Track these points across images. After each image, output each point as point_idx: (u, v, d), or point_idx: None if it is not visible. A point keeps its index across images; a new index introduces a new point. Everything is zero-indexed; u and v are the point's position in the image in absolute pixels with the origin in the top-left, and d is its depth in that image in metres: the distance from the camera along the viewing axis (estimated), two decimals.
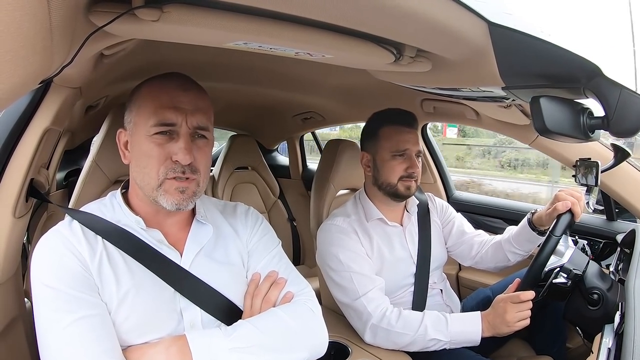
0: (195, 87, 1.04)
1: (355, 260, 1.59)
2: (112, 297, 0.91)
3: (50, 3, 0.54)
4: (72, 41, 0.72)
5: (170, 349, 0.89)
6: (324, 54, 1.00)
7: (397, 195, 1.67)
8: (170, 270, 0.99)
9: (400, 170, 1.63)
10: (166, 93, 0.99)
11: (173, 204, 0.98)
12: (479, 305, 1.80)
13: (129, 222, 1.02)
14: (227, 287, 1.05)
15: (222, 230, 1.14)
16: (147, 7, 0.69)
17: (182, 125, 0.98)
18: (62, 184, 2.22)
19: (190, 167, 0.99)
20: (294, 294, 1.09)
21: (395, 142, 1.64)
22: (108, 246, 0.96)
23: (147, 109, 0.99)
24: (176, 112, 0.98)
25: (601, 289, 1.44)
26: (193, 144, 1.00)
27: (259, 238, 1.17)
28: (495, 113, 1.73)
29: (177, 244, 1.05)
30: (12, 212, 1.04)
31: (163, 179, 0.97)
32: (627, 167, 1.66)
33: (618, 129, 0.88)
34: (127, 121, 1.04)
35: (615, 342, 1.15)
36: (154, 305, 0.96)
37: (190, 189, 1.00)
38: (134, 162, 1.02)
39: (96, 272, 0.92)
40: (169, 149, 0.97)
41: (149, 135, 0.97)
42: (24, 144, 1.07)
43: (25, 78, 0.60)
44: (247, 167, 3.20)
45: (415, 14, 0.74)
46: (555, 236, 1.51)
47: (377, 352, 1.39)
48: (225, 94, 2.42)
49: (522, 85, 1.02)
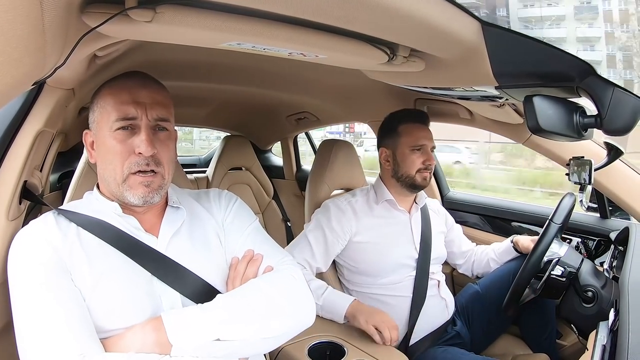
0: (154, 83, 1.07)
1: (319, 235, 1.75)
2: (85, 280, 0.92)
3: (43, 4, 0.54)
4: (65, 42, 0.72)
5: (145, 328, 0.89)
6: (317, 54, 1.00)
7: (415, 186, 1.81)
8: (145, 254, 1.00)
9: (419, 163, 1.78)
10: (126, 90, 1.01)
11: (139, 198, 1.00)
12: (469, 299, 1.91)
13: (105, 209, 1.04)
14: (206, 269, 1.05)
15: (197, 213, 1.15)
16: (140, 8, 0.69)
17: (142, 119, 1.00)
18: (55, 186, 2.21)
19: (154, 158, 1.01)
20: (274, 266, 1.09)
21: (414, 138, 1.79)
22: (82, 233, 0.98)
23: (108, 107, 1.01)
24: (136, 106, 1.00)
25: (595, 287, 1.45)
26: (155, 137, 1.02)
27: (234, 217, 1.18)
28: (489, 112, 1.74)
29: (152, 229, 1.06)
30: (5, 215, 1.03)
31: (127, 174, 1.00)
32: (620, 165, 1.67)
33: (611, 128, 0.89)
34: (91, 121, 1.06)
35: (610, 339, 1.15)
36: (130, 289, 0.96)
37: (155, 182, 1.02)
38: (100, 160, 1.05)
39: (67, 256, 0.93)
40: (132, 143, 0.99)
41: (111, 132, 1.00)
42: (17, 146, 1.06)
43: (18, 79, 0.59)
44: (241, 168, 3.19)
45: (409, 13, 0.74)
46: (555, 223, 1.52)
47: (373, 352, 1.39)
48: (219, 94, 2.41)
49: (515, 84, 1.02)
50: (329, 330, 1.51)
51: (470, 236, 2.33)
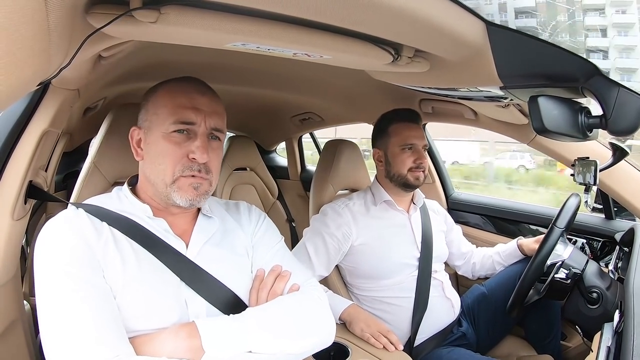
0: (213, 92, 1.08)
1: (318, 242, 1.74)
2: (118, 279, 0.91)
3: (48, 5, 0.54)
4: (70, 43, 0.72)
5: (179, 333, 0.88)
6: (322, 55, 1.00)
7: (408, 185, 1.80)
8: (175, 260, 0.99)
9: (410, 162, 1.78)
10: (185, 94, 1.02)
11: (187, 200, 1.01)
12: (475, 300, 1.91)
13: (135, 211, 1.03)
14: (233, 279, 1.05)
15: (228, 224, 1.15)
16: (145, 9, 0.69)
17: (200, 125, 1.01)
18: (61, 186, 2.22)
19: (205, 166, 1.02)
20: (300, 285, 1.10)
21: (403, 137, 1.80)
22: (115, 232, 0.97)
23: (165, 108, 1.01)
24: (196, 113, 1.01)
25: (600, 288, 1.44)
26: (208, 144, 1.03)
27: (263, 233, 1.19)
28: (494, 113, 1.74)
29: (183, 235, 1.06)
30: (10, 215, 1.03)
31: (178, 177, 1.00)
32: (626, 166, 1.66)
33: (616, 128, 0.89)
34: (142, 120, 1.07)
35: (615, 341, 1.15)
36: (159, 292, 0.95)
37: (203, 186, 1.02)
38: (148, 160, 1.04)
39: (101, 254, 0.91)
40: (186, 148, 1.00)
41: (166, 133, 1.00)
42: (22, 146, 1.06)
43: (23, 80, 0.60)
44: (245, 168, 3.20)
45: (413, 14, 0.74)
46: (558, 228, 1.51)
47: (376, 352, 1.39)
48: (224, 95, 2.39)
49: (520, 84, 1.02)
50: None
51: (475, 237, 2.33)
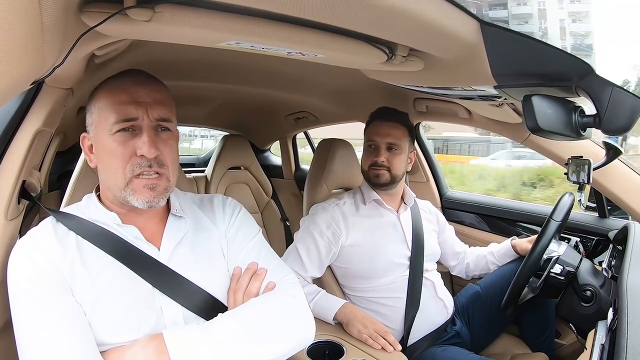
0: (153, 81, 1.02)
1: (310, 242, 1.74)
2: (86, 296, 0.90)
3: (41, 4, 0.54)
4: (64, 42, 0.72)
5: (146, 349, 0.87)
6: (316, 54, 1.00)
7: (371, 182, 1.84)
8: (146, 266, 0.97)
9: (369, 159, 1.82)
10: (122, 89, 0.97)
11: (144, 202, 0.97)
12: (469, 299, 1.91)
13: (105, 219, 1.00)
14: (209, 281, 1.03)
15: (200, 223, 1.12)
16: (139, 7, 0.69)
17: (143, 119, 0.96)
18: (55, 186, 2.21)
19: (157, 160, 0.97)
20: (276, 282, 1.08)
21: (369, 134, 1.86)
22: (81, 245, 0.95)
23: (106, 108, 0.97)
24: (136, 106, 0.96)
25: (594, 286, 1.45)
26: (157, 137, 0.98)
27: (237, 228, 1.15)
28: (488, 112, 1.74)
29: (154, 239, 1.03)
30: (4, 215, 1.03)
31: (130, 178, 0.96)
32: (619, 165, 1.67)
33: (609, 127, 0.89)
34: (89, 124, 1.02)
35: (608, 339, 1.15)
36: (131, 302, 0.94)
37: (160, 186, 0.98)
38: (101, 165, 1.01)
39: (68, 272, 0.90)
40: (133, 145, 0.96)
41: (111, 134, 0.96)
42: (15, 146, 1.05)
43: (17, 79, 0.59)
44: (239, 167, 3.19)
45: (407, 13, 0.74)
46: (555, 221, 1.52)
47: (371, 351, 1.39)
48: (218, 93, 2.41)
49: (514, 84, 1.02)
50: (328, 329, 1.51)
51: (469, 235, 2.34)
